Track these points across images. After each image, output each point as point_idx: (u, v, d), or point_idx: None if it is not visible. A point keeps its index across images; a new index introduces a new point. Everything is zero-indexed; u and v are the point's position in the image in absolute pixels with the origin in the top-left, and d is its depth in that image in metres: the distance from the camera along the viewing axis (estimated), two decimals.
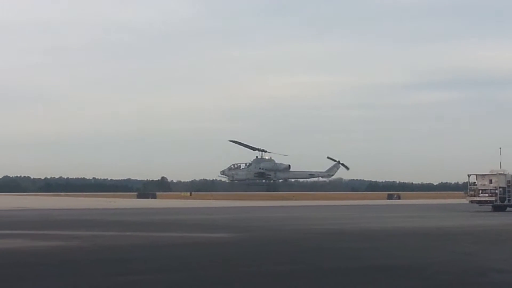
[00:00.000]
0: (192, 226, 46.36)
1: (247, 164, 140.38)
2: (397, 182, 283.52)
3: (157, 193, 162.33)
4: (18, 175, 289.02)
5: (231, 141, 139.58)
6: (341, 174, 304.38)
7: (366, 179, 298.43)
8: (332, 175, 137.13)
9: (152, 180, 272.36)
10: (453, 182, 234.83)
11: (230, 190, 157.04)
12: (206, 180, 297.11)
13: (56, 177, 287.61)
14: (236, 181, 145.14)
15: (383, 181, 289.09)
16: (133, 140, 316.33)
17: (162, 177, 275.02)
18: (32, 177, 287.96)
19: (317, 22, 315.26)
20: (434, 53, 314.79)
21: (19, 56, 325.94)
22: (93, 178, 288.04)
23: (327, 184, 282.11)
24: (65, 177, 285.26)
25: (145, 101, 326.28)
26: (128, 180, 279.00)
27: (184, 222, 51.50)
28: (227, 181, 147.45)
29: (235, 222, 51.34)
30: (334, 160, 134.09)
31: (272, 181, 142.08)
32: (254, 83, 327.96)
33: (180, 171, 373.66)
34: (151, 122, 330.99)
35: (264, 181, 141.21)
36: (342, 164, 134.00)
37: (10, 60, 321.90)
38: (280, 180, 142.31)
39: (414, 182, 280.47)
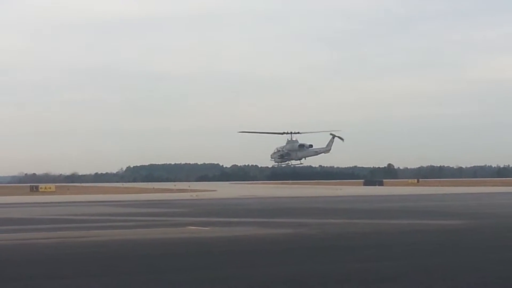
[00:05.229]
0: (421, 213, 45.61)
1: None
2: None
3: (384, 180, 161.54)
4: (246, 164, 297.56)
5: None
6: None
7: None
8: (330, 150, 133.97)
9: (379, 167, 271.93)
10: None
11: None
12: (433, 166, 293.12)
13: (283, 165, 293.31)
14: (276, 164, 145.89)
15: None
16: (357, 127, 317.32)
17: (389, 164, 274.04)
18: (259, 166, 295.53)
19: None
20: None
21: (247, 45, 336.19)
22: (319, 166, 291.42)
23: None
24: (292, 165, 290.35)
25: (367, 87, 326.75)
26: (355, 167, 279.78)
27: (413, 209, 50.81)
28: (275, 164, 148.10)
29: (463, 209, 50.10)
30: (334, 136, 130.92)
31: (293, 161, 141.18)
32: (476, 66, 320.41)
33: (407, 158, 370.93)
34: (374, 109, 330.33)
35: (288, 162, 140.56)
36: (338, 137, 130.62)
37: (239, 48, 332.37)
38: (299, 160, 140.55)
39: None
